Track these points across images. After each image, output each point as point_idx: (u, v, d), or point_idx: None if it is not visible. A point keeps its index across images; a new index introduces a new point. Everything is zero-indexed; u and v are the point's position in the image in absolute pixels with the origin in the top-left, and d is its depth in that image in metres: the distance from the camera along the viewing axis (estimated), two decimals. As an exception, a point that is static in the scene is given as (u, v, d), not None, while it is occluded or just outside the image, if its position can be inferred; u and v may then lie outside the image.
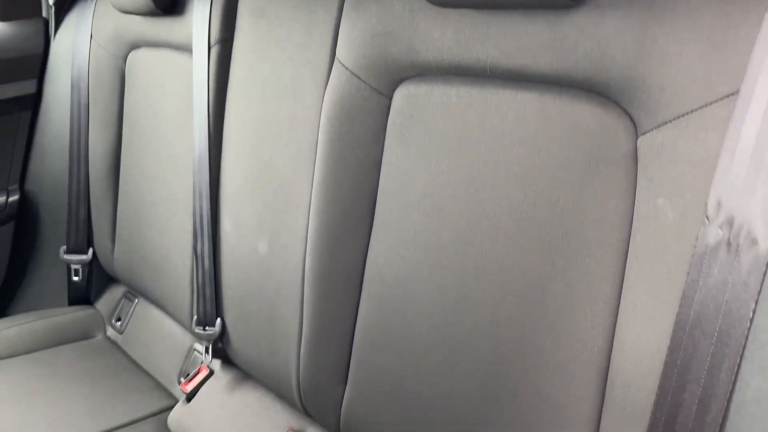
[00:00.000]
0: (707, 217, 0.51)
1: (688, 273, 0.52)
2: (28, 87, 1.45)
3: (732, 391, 0.49)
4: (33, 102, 1.46)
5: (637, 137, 0.59)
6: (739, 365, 0.49)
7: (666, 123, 0.56)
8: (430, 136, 0.77)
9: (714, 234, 0.50)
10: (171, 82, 1.21)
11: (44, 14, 1.46)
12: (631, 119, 0.59)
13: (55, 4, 1.43)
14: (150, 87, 1.28)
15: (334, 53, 0.86)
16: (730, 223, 0.49)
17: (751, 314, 0.48)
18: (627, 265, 0.60)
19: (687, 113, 0.54)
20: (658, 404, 0.54)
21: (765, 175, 0.47)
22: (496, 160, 0.70)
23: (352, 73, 0.83)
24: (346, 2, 0.84)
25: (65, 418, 1.12)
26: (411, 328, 0.81)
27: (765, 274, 0.47)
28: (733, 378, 0.49)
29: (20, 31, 1.43)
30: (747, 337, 0.48)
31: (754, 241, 0.48)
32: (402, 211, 0.81)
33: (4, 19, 1.41)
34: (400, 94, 0.80)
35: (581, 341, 0.64)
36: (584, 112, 0.62)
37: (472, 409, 0.75)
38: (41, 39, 1.46)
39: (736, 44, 0.51)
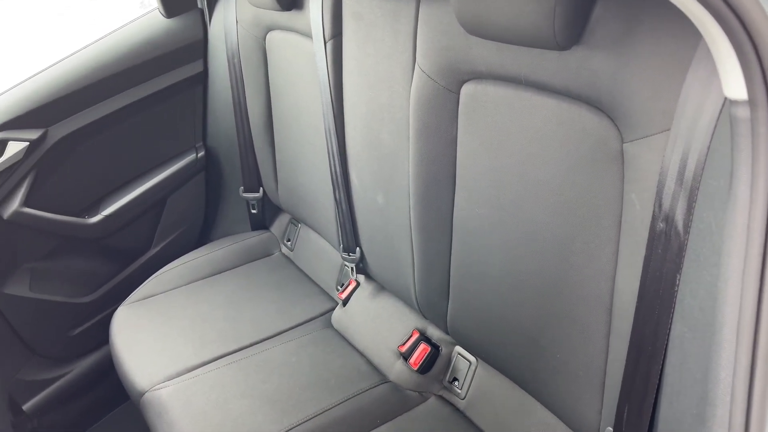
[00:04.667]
0: (654, 214, 0.73)
1: (646, 247, 0.76)
2: (197, 67, 1.84)
3: (670, 325, 0.74)
4: (202, 78, 1.85)
5: (622, 143, 0.80)
6: (672, 311, 0.73)
7: (636, 140, 0.76)
8: (487, 124, 1.01)
9: (658, 226, 0.73)
10: (300, 60, 1.51)
11: (199, 5, 1.81)
12: (618, 129, 0.80)
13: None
14: (284, 62, 1.60)
15: (415, 57, 1.11)
16: (666, 219, 0.72)
17: (677, 281, 0.71)
18: (620, 233, 0.84)
19: (649, 135, 0.74)
20: (635, 321, 0.81)
21: (684, 192, 0.68)
22: (531, 147, 0.94)
23: (428, 76, 1.07)
24: (419, 19, 1.07)
25: (264, 318, 1.58)
26: (487, 263, 1.10)
27: (683, 255, 0.70)
28: (670, 317, 0.74)
29: (183, 23, 1.80)
30: (675, 294, 0.72)
31: (677, 234, 0.70)
32: (474, 179, 1.08)
33: (169, 16, 1.78)
34: (465, 92, 1.04)
35: (595, 280, 0.90)
36: (586, 120, 0.84)
37: (529, 316, 1.05)
38: (200, 26, 1.81)
39: (674, 89, 0.70)
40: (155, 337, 1.53)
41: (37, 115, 1.67)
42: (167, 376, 1.40)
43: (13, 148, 1.65)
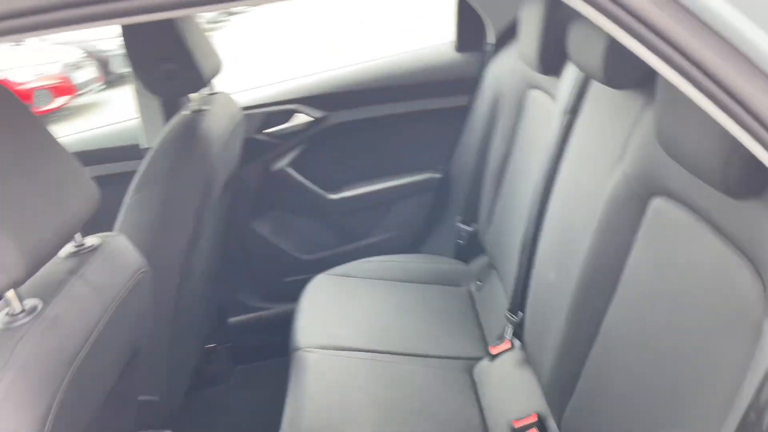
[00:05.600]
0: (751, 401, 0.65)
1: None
2: (463, 100, 2.01)
3: None
4: (464, 111, 2.02)
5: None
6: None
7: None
8: (661, 243, 0.97)
9: (750, 416, 0.65)
10: (544, 122, 1.57)
11: (484, 48, 1.97)
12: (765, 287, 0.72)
13: (494, 43, 1.92)
14: (532, 120, 1.66)
15: (623, 154, 1.09)
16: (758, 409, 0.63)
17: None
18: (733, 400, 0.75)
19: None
20: None
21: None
22: (691, 282, 0.89)
23: (626, 177, 1.06)
24: (639, 119, 1.06)
25: (420, 337, 1.68)
26: (619, 376, 1.05)
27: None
28: None
29: (466, 60, 1.99)
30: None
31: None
32: (634, 291, 1.03)
33: (459, 51, 1.98)
34: (653, 204, 1.00)
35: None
36: (744, 277, 0.77)
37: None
38: (478, 67, 1.98)
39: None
40: (331, 308, 1.75)
41: (327, 100, 2.02)
42: (320, 345, 1.60)
43: (300, 119, 2.02)
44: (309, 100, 2.00)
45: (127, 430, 1.22)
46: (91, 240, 0.95)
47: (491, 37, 1.93)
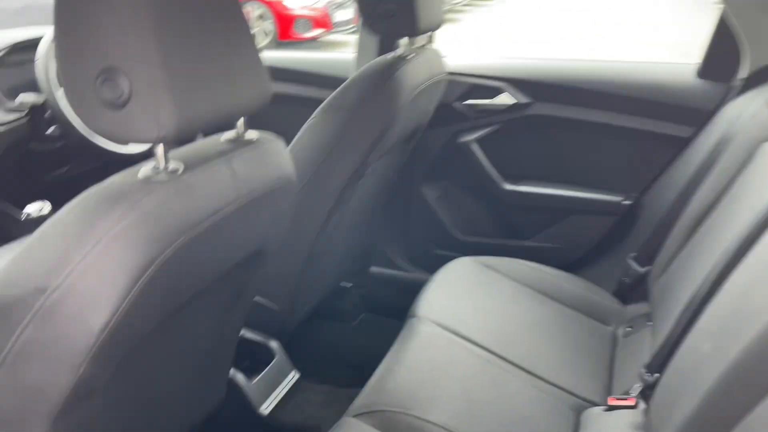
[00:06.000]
0: None
1: None
2: (685, 131, 1.78)
3: None
4: (681, 144, 1.79)
5: None
6: None
7: None
8: None
9: None
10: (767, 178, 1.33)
11: (731, 82, 1.71)
12: None
13: (746, 79, 1.66)
14: (755, 171, 1.42)
15: None
16: None
17: None
18: None
19: None
20: None
21: None
22: None
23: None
24: None
25: (541, 357, 1.55)
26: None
27: None
28: None
29: (708, 90, 1.75)
30: None
31: None
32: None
33: (701, 77, 1.75)
34: None
35: None
36: None
37: None
38: (718, 100, 1.73)
39: None
40: (464, 292, 1.70)
41: (537, 87, 1.93)
42: (437, 321, 1.56)
43: (504, 99, 1.96)
44: (518, 83, 1.92)
45: (234, 321, 1.30)
46: (251, 134, 1.00)
47: (744, 72, 1.67)
